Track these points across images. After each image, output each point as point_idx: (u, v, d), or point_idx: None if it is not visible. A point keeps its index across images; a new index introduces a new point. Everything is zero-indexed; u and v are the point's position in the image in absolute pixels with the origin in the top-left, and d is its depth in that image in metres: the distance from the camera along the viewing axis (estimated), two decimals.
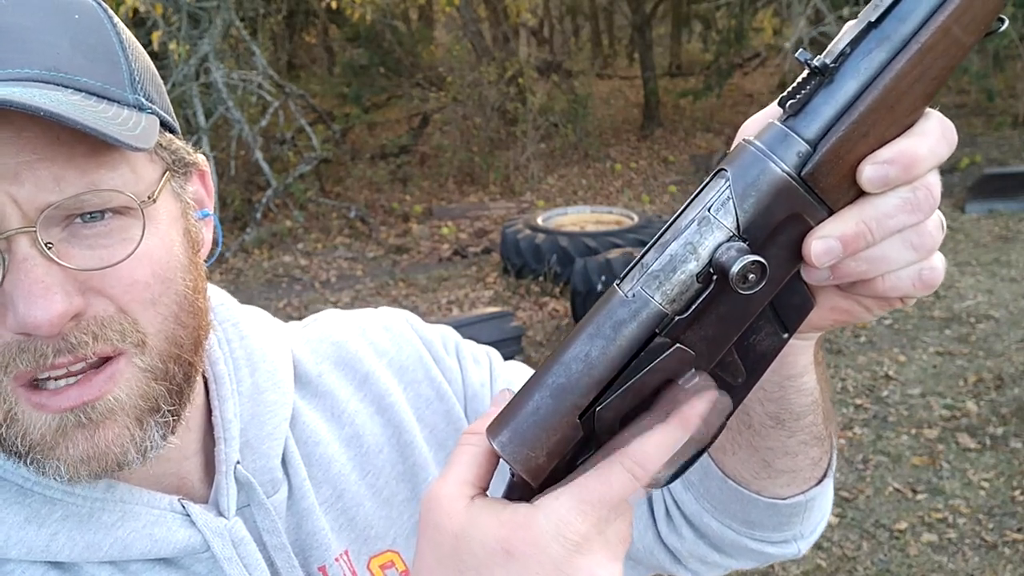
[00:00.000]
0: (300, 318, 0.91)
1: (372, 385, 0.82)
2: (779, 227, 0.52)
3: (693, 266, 0.52)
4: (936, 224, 0.55)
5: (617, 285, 0.55)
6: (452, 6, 11.16)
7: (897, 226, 0.53)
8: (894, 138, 0.52)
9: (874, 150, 0.52)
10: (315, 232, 8.94)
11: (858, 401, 4.93)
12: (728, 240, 0.51)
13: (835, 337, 5.75)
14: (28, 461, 0.61)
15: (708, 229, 0.52)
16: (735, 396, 0.58)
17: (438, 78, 12.60)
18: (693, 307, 0.53)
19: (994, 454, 4.29)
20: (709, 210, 0.52)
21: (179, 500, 0.69)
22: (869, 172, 0.52)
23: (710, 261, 0.52)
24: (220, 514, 0.70)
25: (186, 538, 0.67)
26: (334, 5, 9.19)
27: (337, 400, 0.81)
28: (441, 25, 15.78)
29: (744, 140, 0.55)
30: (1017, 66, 12.75)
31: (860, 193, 0.53)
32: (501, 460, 0.58)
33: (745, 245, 0.51)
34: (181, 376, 0.65)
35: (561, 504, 0.54)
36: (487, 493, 0.59)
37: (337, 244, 8.69)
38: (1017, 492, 3.97)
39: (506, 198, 10.10)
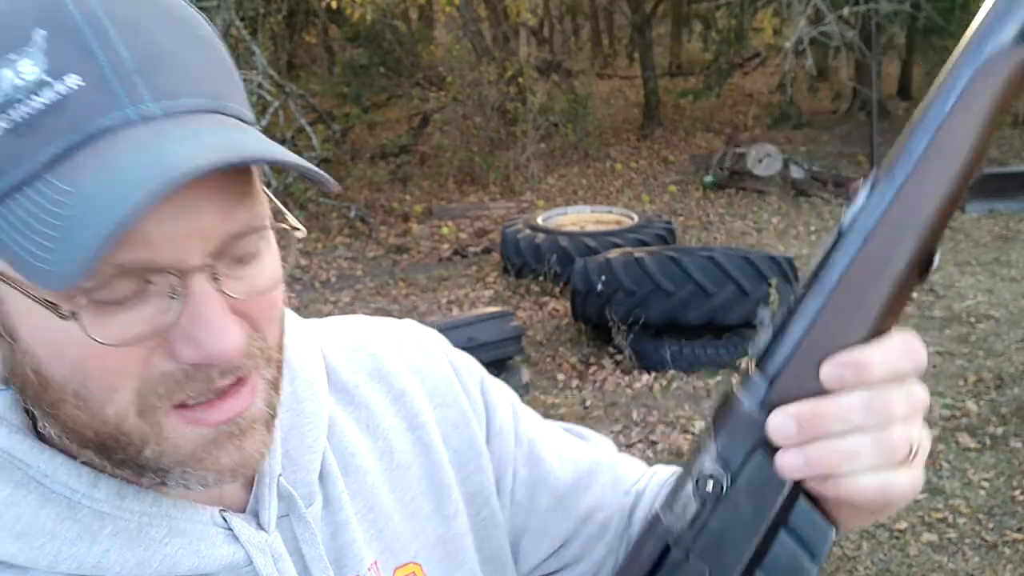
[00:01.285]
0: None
1: (407, 402, 0.82)
2: (752, 451, 0.58)
3: (690, 486, 0.60)
4: (902, 437, 0.57)
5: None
6: (452, 6, 11.16)
7: (856, 421, 0.56)
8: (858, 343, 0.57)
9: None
10: (315, 232, 8.94)
11: None
12: (713, 461, 0.59)
13: None
14: (169, 477, 0.62)
15: (699, 455, 0.61)
16: None
17: (438, 78, 12.60)
18: (695, 522, 0.60)
19: (994, 454, 4.29)
20: (697, 450, 0.62)
21: (220, 513, 0.68)
22: (825, 370, 0.56)
23: (697, 480, 0.60)
24: (260, 526, 0.70)
25: (230, 554, 0.67)
26: (334, 5, 9.20)
27: (373, 412, 0.81)
28: (441, 25, 15.78)
29: (727, 391, 0.62)
30: None
31: None
32: None
33: (719, 468, 0.59)
34: (279, 383, 0.67)
35: None
36: None
37: (337, 244, 8.69)
38: (1017, 492, 3.97)
39: (506, 198, 10.10)
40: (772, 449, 0.57)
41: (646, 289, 5.27)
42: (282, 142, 9.55)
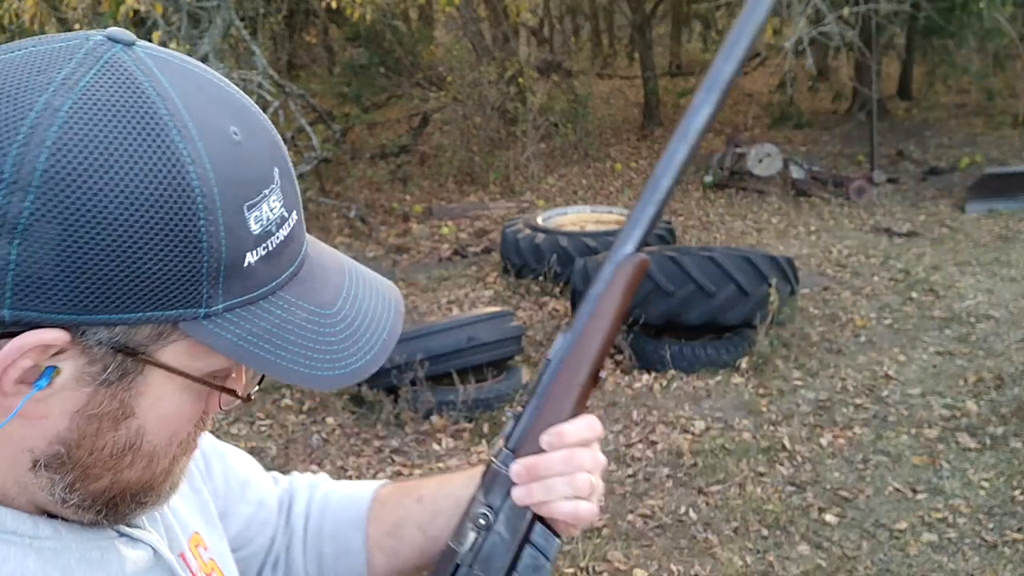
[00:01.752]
0: None
1: None
2: (506, 496, 0.86)
3: (468, 524, 0.87)
4: (586, 481, 0.84)
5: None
6: (452, 6, 11.14)
7: (559, 469, 0.84)
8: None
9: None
10: (315, 232, 8.85)
11: (858, 401, 4.93)
12: (481, 506, 0.87)
13: (835, 337, 5.76)
14: (159, 503, 0.71)
15: (472, 504, 0.88)
16: None
17: (438, 78, 12.59)
18: (472, 546, 0.86)
19: (994, 454, 4.29)
20: (471, 501, 0.89)
21: (120, 526, 0.72)
22: (542, 439, 0.85)
23: (472, 519, 0.87)
24: (135, 525, 0.74)
25: (142, 555, 0.72)
26: (334, 5, 9.17)
27: None
28: (441, 25, 15.76)
29: (488, 461, 0.90)
30: (1017, 66, 12.74)
31: None
32: None
33: (486, 509, 0.86)
34: None
35: None
36: None
37: (337, 244, 8.68)
38: (1017, 492, 3.97)
39: (506, 198, 10.10)
40: None
41: (646, 289, 5.26)
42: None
